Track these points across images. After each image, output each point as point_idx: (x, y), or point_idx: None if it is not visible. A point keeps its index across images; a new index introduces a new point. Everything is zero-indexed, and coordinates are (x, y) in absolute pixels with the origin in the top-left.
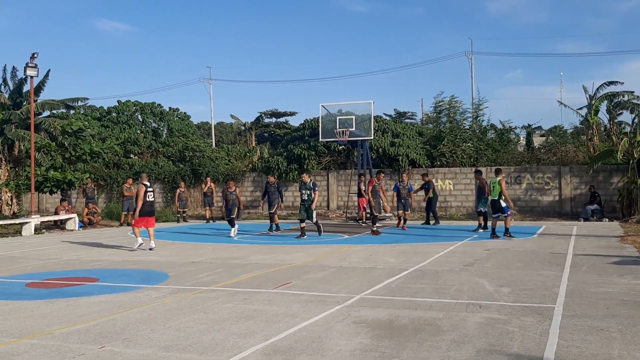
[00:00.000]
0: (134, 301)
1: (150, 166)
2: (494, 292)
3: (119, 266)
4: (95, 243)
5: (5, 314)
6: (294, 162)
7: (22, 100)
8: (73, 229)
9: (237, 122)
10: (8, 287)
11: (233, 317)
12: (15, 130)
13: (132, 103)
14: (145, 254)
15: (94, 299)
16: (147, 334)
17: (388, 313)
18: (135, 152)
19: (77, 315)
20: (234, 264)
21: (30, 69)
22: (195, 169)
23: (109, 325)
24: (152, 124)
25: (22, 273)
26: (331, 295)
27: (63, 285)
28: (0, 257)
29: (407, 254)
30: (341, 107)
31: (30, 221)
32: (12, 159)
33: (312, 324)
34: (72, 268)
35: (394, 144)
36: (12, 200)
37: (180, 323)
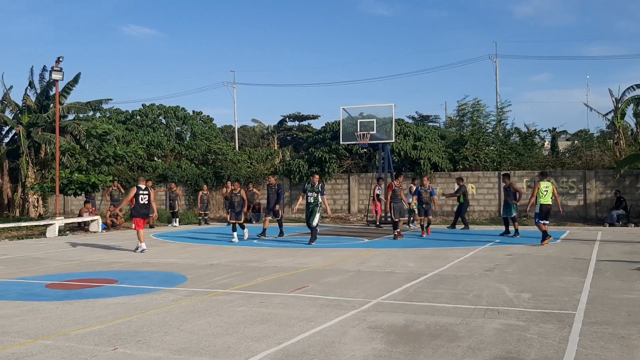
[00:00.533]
0: (150, 303)
1: (173, 169)
2: (514, 297)
3: (138, 268)
4: (117, 245)
5: (23, 315)
6: (315, 165)
7: (49, 104)
8: (96, 231)
9: (259, 125)
10: (28, 288)
11: (247, 321)
12: (42, 133)
13: (157, 107)
14: (165, 256)
15: (111, 300)
16: (160, 337)
17: (404, 318)
18: (158, 155)
19: (93, 316)
20: (252, 267)
21: (56, 73)
22: (218, 172)
23: (124, 327)
24: (176, 127)
25: (44, 274)
26: (347, 300)
27: (82, 287)
28: (23, 258)
29: (427, 259)
30: (362, 110)
31: (54, 223)
32: (38, 161)
33: (326, 328)
34: (93, 269)
35: (416, 147)
36: (38, 202)
37: (194, 326)
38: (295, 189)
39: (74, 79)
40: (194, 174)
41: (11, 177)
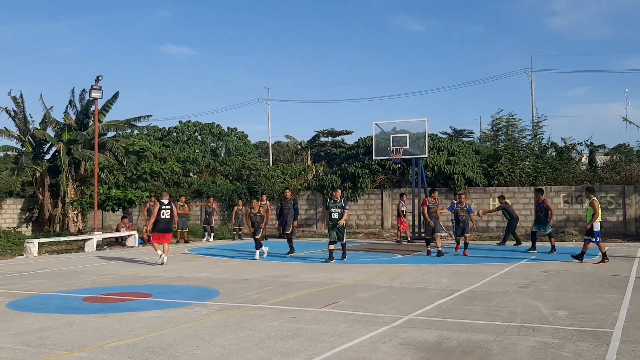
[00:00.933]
0: (183, 317)
1: (208, 184)
2: (549, 315)
3: (172, 282)
4: (152, 259)
5: (60, 327)
6: (348, 180)
7: (88, 121)
8: (133, 246)
9: (292, 141)
10: (66, 302)
11: (278, 336)
12: (82, 150)
13: (193, 124)
14: (199, 271)
15: (145, 314)
16: (192, 350)
17: (437, 335)
18: (194, 171)
19: (128, 329)
20: (283, 282)
21: (95, 91)
22: (252, 187)
23: (157, 340)
24: (211, 143)
25: (81, 288)
26: (379, 316)
27: (117, 300)
28: (62, 272)
29: (460, 275)
30: (395, 125)
31: (92, 238)
32: (78, 177)
33: (357, 344)
34: (128, 283)
35: (450, 162)
36: (77, 217)
37: (226, 340)
38: None
39: (113, 96)
40: (229, 189)
41: (52, 193)
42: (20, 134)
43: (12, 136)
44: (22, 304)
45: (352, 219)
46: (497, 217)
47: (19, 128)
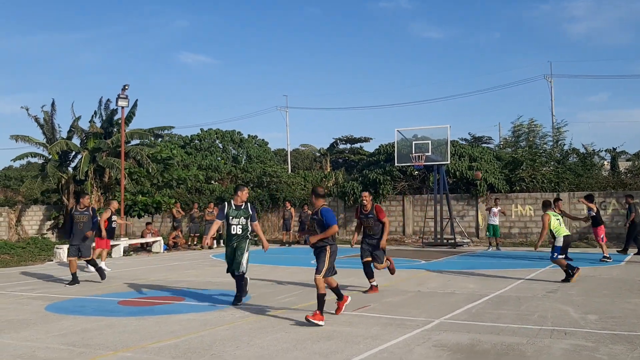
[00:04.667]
0: (219, 319)
1: (230, 191)
2: (580, 319)
3: (202, 286)
4: (179, 265)
5: (101, 329)
6: (369, 187)
7: (112, 130)
8: (158, 252)
9: (309, 149)
10: (102, 305)
11: (314, 338)
12: (106, 158)
13: (214, 131)
14: (227, 275)
15: (181, 316)
16: (232, 351)
17: (469, 337)
18: (216, 178)
19: (167, 331)
20: (312, 287)
21: (122, 100)
22: (273, 194)
23: (197, 341)
24: (232, 150)
25: (114, 292)
26: (410, 319)
27: (152, 304)
28: (94, 278)
29: (486, 280)
30: (416, 132)
31: (119, 244)
32: (102, 185)
33: (392, 346)
34: (160, 288)
35: (472, 168)
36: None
37: (263, 341)
38: (350, 211)
39: (133, 105)
40: (250, 196)
41: (77, 200)
42: (48, 142)
43: (38, 144)
44: (61, 307)
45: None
46: (519, 224)
47: (47, 136)
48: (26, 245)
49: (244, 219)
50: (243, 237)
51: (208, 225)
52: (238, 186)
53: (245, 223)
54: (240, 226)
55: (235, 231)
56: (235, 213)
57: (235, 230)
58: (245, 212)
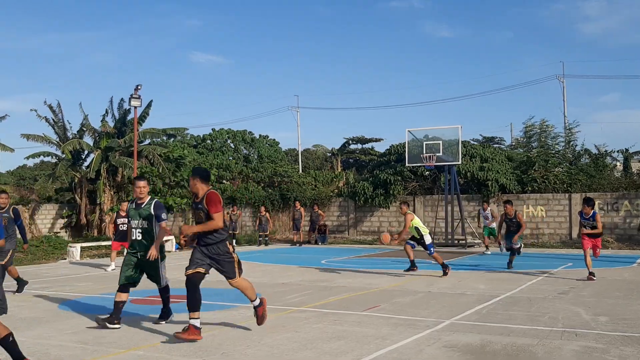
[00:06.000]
0: (229, 319)
1: (241, 191)
2: (591, 320)
3: (213, 286)
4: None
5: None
6: (379, 187)
7: (125, 129)
8: (170, 250)
9: (320, 149)
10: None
11: (324, 337)
12: (119, 158)
13: (226, 131)
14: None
15: None
16: (243, 350)
17: (480, 338)
18: (227, 178)
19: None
20: (321, 287)
21: (135, 100)
22: (284, 194)
23: (208, 340)
24: (244, 150)
25: None
26: (421, 319)
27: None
28: (105, 276)
29: (497, 281)
30: (427, 132)
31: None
32: (115, 184)
33: (402, 346)
34: (171, 286)
35: (483, 169)
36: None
37: (274, 340)
38: (360, 211)
39: (147, 105)
40: (261, 195)
41: (89, 199)
42: (60, 141)
43: (51, 143)
44: (73, 305)
45: (384, 225)
46: (530, 225)
47: (59, 136)
48: (40, 243)
49: (144, 220)
50: (150, 244)
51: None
52: (136, 177)
53: (147, 226)
54: (140, 230)
55: (135, 236)
56: (134, 213)
57: (135, 236)
58: (146, 212)
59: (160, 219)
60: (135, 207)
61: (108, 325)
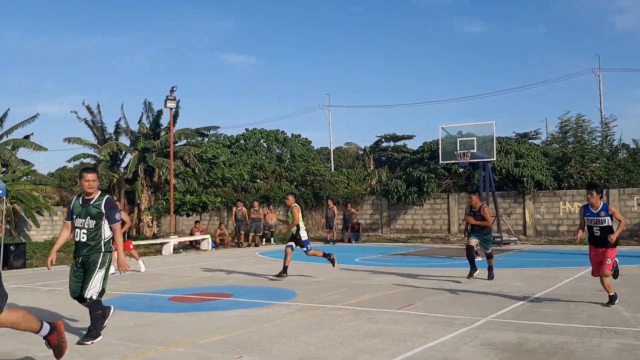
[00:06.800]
0: (266, 316)
1: (274, 190)
2: (631, 318)
3: (249, 283)
4: (227, 262)
5: (152, 324)
6: (413, 185)
7: (160, 131)
8: (206, 249)
9: (353, 147)
10: (153, 301)
11: (360, 335)
12: (156, 158)
13: (259, 131)
14: (272, 273)
15: (229, 313)
16: (280, 347)
17: (516, 336)
18: (260, 177)
19: (216, 327)
20: (356, 284)
21: (170, 102)
22: (317, 192)
23: (245, 337)
24: (276, 150)
25: (164, 288)
26: (457, 317)
27: (201, 300)
28: (144, 274)
29: (534, 279)
30: (461, 128)
31: (169, 241)
32: (152, 184)
33: (439, 344)
34: (208, 284)
35: (518, 165)
36: (152, 222)
37: (310, 338)
38: (393, 209)
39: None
40: (294, 194)
41: (128, 200)
42: (98, 143)
43: (89, 145)
44: (114, 303)
45: (417, 223)
46: (567, 221)
47: (97, 137)
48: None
49: (91, 219)
50: (94, 247)
51: (254, 224)
52: (83, 169)
53: (93, 227)
54: (85, 230)
55: (79, 237)
56: (80, 210)
57: (79, 237)
58: (94, 210)
59: (113, 220)
60: (82, 204)
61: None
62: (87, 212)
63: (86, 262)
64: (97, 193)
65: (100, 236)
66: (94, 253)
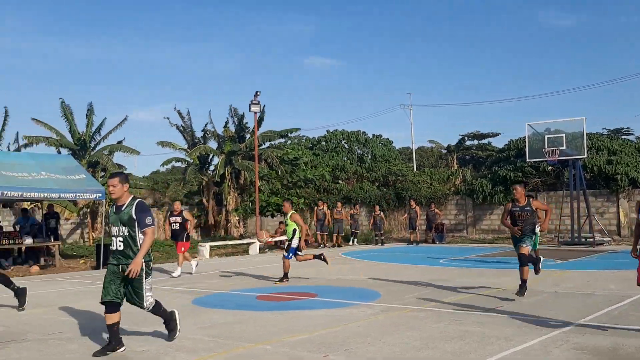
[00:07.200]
0: (350, 316)
1: (356, 190)
2: None
3: (334, 284)
4: (311, 262)
5: (241, 322)
6: (499, 184)
7: (245, 134)
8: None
9: (437, 146)
10: (242, 299)
11: (445, 337)
12: (241, 161)
13: (340, 132)
14: (356, 273)
15: (315, 312)
16: (365, 347)
17: (611, 341)
18: (342, 178)
19: (302, 326)
20: (440, 286)
21: (254, 106)
22: (399, 193)
23: (331, 336)
24: (357, 150)
25: (252, 287)
26: (546, 320)
27: (287, 299)
28: (233, 273)
29: (629, 281)
30: (548, 125)
31: (255, 241)
32: (238, 186)
33: (527, 347)
34: (293, 284)
35: (611, 162)
36: (239, 223)
37: (395, 339)
38: (479, 209)
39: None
40: (376, 195)
41: (216, 201)
42: (189, 147)
43: (180, 149)
44: (205, 301)
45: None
46: None
47: (187, 142)
48: (173, 243)
49: (124, 226)
50: (131, 257)
51: (337, 224)
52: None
53: (127, 233)
54: (121, 238)
55: (116, 246)
56: (114, 218)
57: (116, 245)
58: (125, 216)
59: (144, 225)
60: (115, 211)
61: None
62: (119, 219)
63: (124, 270)
64: (128, 198)
65: (136, 244)
66: (130, 259)
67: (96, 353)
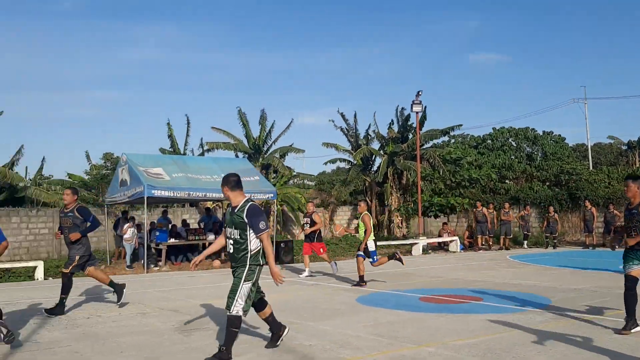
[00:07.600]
0: (517, 322)
1: (525, 191)
2: None
3: (500, 287)
4: (476, 264)
5: (404, 323)
6: None
7: (408, 134)
8: (455, 251)
9: (616, 142)
10: (404, 300)
11: (625, 350)
12: (404, 162)
13: (507, 129)
14: (524, 278)
15: (479, 316)
16: (532, 356)
17: None
18: (510, 177)
19: (466, 330)
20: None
21: (416, 105)
22: (573, 193)
23: (495, 342)
24: (526, 148)
25: (414, 288)
26: None
27: (451, 302)
28: (396, 273)
29: None
30: None
31: (418, 242)
32: (400, 187)
33: None
34: (457, 287)
35: None
36: (402, 223)
37: (566, 349)
38: None
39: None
40: (547, 195)
41: (379, 201)
42: (353, 149)
43: (344, 151)
44: (368, 299)
45: None
46: None
47: (351, 144)
48: (338, 242)
49: (236, 229)
50: (239, 260)
51: (504, 226)
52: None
53: (238, 237)
54: (232, 241)
55: (229, 248)
56: (229, 219)
57: (229, 247)
58: (238, 218)
59: (258, 230)
60: (230, 212)
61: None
62: (232, 222)
63: (234, 274)
64: (243, 200)
65: (246, 248)
66: (240, 266)
67: (267, 345)
